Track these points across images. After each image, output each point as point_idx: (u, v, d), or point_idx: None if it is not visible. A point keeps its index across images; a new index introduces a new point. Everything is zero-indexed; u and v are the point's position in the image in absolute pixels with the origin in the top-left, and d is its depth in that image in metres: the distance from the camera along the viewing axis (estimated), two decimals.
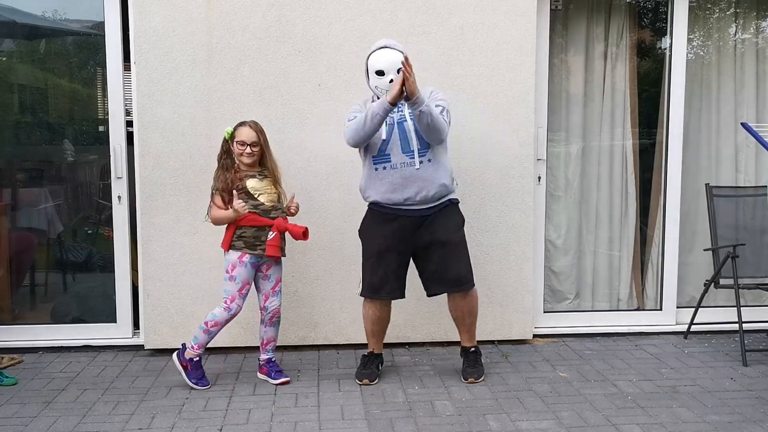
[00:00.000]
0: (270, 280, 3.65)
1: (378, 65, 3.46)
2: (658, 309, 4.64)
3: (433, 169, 3.49)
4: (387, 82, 3.44)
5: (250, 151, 3.54)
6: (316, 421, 3.20)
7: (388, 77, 3.44)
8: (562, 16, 4.51)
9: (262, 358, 3.73)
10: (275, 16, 4.03)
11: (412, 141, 3.47)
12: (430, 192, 3.49)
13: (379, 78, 3.47)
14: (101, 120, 4.32)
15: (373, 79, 3.50)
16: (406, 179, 3.47)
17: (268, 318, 3.66)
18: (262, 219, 3.53)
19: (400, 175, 3.47)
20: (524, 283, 4.32)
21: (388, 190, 3.51)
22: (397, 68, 3.40)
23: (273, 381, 3.66)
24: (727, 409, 3.34)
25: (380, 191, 3.53)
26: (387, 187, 3.51)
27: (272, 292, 3.65)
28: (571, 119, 4.60)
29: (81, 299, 4.43)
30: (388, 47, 3.48)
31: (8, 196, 4.36)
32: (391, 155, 3.48)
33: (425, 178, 3.48)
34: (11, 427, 3.15)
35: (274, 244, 3.55)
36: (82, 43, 4.34)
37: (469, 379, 3.65)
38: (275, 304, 3.66)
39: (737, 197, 4.43)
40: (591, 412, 3.30)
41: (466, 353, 3.77)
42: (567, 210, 4.65)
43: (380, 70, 3.45)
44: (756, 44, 4.71)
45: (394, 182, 3.49)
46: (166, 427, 3.15)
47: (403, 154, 3.47)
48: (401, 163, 3.47)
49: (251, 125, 3.57)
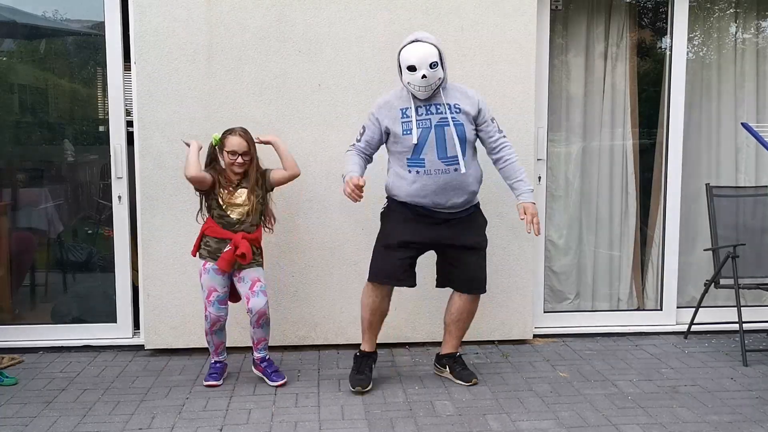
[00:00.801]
0: (245, 281, 3.61)
1: (410, 60, 3.27)
2: (659, 309, 4.64)
3: (465, 177, 3.40)
4: (419, 78, 3.26)
5: (241, 161, 3.51)
6: (317, 421, 3.20)
7: (420, 72, 3.26)
8: (562, 16, 4.51)
9: (256, 356, 3.74)
10: (275, 15, 4.03)
11: (450, 147, 3.35)
12: (459, 200, 3.43)
13: (412, 74, 3.28)
14: (101, 120, 4.32)
15: (406, 75, 3.32)
16: (440, 187, 3.37)
17: (255, 320, 3.60)
18: (222, 231, 3.54)
19: (433, 181, 3.36)
20: (524, 283, 4.32)
21: (418, 195, 3.41)
22: (430, 62, 3.25)
23: (271, 383, 3.65)
24: (727, 409, 3.34)
25: (409, 194, 3.43)
26: (417, 191, 3.40)
27: (251, 292, 3.58)
28: (572, 119, 4.60)
29: (81, 299, 4.43)
30: (419, 41, 3.30)
31: (8, 196, 4.36)
32: (426, 160, 3.35)
33: (457, 187, 3.39)
34: (11, 427, 3.15)
35: (225, 258, 3.52)
36: (82, 43, 4.34)
37: (473, 380, 3.61)
38: (258, 305, 3.56)
39: (737, 197, 4.43)
40: (591, 412, 3.30)
41: (454, 359, 3.70)
42: (567, 210, 4.65)
43: (412, 65, 3.27)
44: (756, 44, 4.71)
45: (426, 188, 3.38)
46: (166, 427, 3.15)
47: (439, 160, 3.35)
48: (436, 169, 3.35)
49: (241, 134, 3.52)
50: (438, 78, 3.33)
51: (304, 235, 4.14)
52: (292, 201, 4.11)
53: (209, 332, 3.63)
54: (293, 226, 4.12)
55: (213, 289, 3.57)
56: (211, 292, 3.56)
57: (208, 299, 3.57)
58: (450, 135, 3.36)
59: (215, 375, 3.66)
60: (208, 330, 3.62)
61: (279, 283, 4.15)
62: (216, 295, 3.57)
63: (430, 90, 3.34)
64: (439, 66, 3.31)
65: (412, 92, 3.37)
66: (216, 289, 3.57)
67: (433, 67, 3.28)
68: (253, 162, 3.58)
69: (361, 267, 4.14)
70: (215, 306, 3.57)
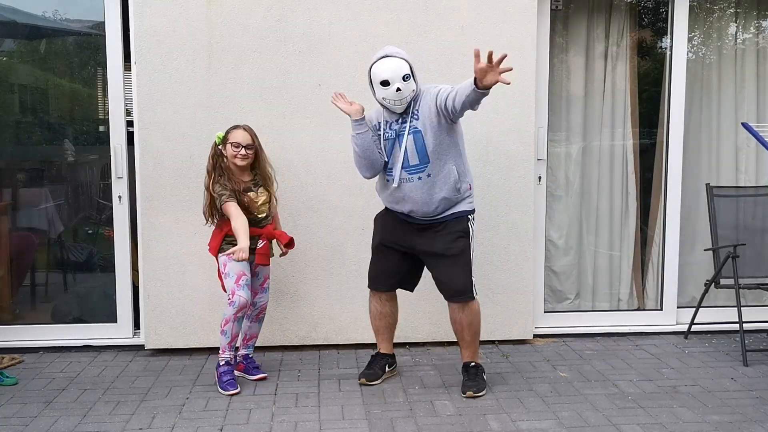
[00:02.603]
0: (259, 276, 3.71)
1: (382, 75, 3.31)
2: (659, 309, 4.64)
3: (431, 185, 3.40)
4: (394, 92, 3.30)
5: (244, 153, 3.53)
6: (317, 421, 3.20)
7: (394, 86, 3.29)
8: (562, 15, 4.51)
9: (241, 353, 3.74)
10: (276, 16, 4.04)
11: (410, 157, 3.39)
12: (430, 208, 3.44)
13: (385, 89, 3.32)
14: (102, 120, 4.32)
15: (379, 91, 3.35)
16: (406, 194, 3.44)
17: (255, 314, 3.72)
18: (252, 229, 3.55)
19: (400, 190, 3.44)
20: (524, 283, 4.32)
21: (393, 202, 3.54)
22: (402, 75, 3.29)
23: (250, 377, 3.69)
24: (727, 409, 3.34)
25: (388, 200, 3.57)
26: (392, 199, 3.52)
27: (261, 288, 3.73)
28: (572, 119, 4.60)
29: (81, 299, 4.43)
30: (389, 56, 3.33)
31: (9, 196, 4.36)
32: (393, 170, 3.43)
33: (420, 197, 3.41)
34: (11, 427, 3.15)
35: (262, 253, 3.61)
36: (82, 43, 4.34)
37: (467, 393, 3.48)
38: (263, 300, 3.74)
39: (737, 197, 4.43)
40: (591, 412, 3.30)
41: (466, 368, 3.63)
42: (567, 210, 4.65)
43: (385, 80, 3.30)
44: (756, 44, 4.71)
45: (396, 196, 3.48)
46: (167, 427, 3.15)
47: (403, 170, 3.41)
48: (402, 179, 3.42)
49: (245, 128, 3.58)
50: (411, 90, 3.35)
51: (305, 235, 4.14)
52: (293, 201, 4.11)
53: (233, 319, 3.52)
54: (293, 226, 4.11)
55: (242, 273, 3.54)
56: (240, 276, 3.53)
57: (237, 283, 3.51)
58: (406, 145, 3.39)
59: (233, 381, 3.57)
60: (232, 317, 3.51)
61: (279, 283, 4.15)
62: (245, 279, 3.54)
63: (404, 103, 3.36)
64: (411, 78, 3.33)
65: (388, 107, 3.40)
66: (245, 273, 3.55)
67: (406, 79, 3.30)
68: (259, 157, 3.62)
69: (361, 267, 4.15)
70: (244, 289, 3.52)
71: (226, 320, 3.53)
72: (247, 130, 3.58)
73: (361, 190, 4.11)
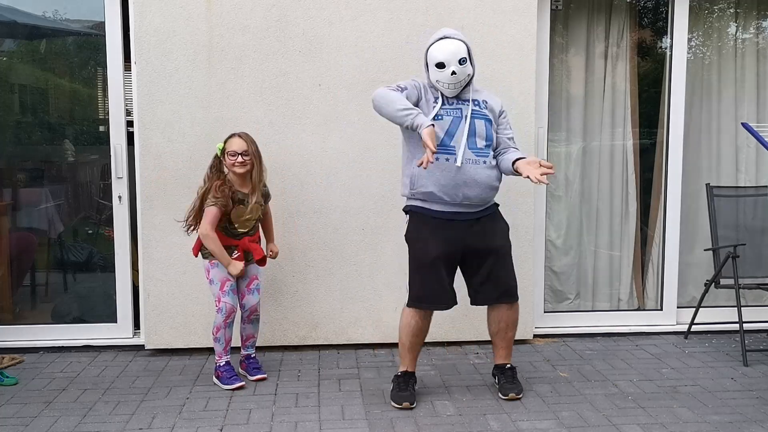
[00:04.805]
0: (244, 278, 3.69)
1: (439, 57, 3.20)
2: (659, 309, 4.64)
3: (491, 171, 3.32)
4: (449, 75, 3.20)
5: (242, 160, 3.52)
6: (317, 421, 3.20)
7: (449, 69, 3.19)
8: (562, 15, 4.51)
9: (242, 354, 3.78)
10: (276, 15, 4.04)
11: (478, 140, 3.28)
12: (489, 195, 3.34)
13: (440, 71, 3.22)
14: (102, 120, 4.32)
15: (434, 73, 3.25)
16: (470, 177, 3.24)
17: (246, 315, 3.72)
18: (226, 239, 3.57)
19: (464, 172, 3.22)
20: (524, 283, 4.30)
21: (448, 186, 3.24)
22: (459, 58, 3.19)
23: (250, 377, 3.70)
24: (727, 409, 3.34)
25: (440, 184, 3.24)
26: (448, 181, 3.24)
27: (247, 290, 3.71)
28: (572, 119, 4.60)
29: (81, 299, 4.43)
30: (448, 37, 3.23)
31: (9, 196, 4.36)
32: (457, 148, 3.22)
33: (485, 181, 3.28)
34: (11, 427, 3.15)
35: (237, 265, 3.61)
36: (82, 43, 4.34)
37: (509, 395, 3.40)
38: (252, 302, 3.71)
39: (738, 197, 4.43)
40: (591, 412, 3.30)
41: (502, 370, 3.51)
42: (567, 210, 4.65)
43: (441, 62, 3.20)
44: (756, 44, 4.71)
45: (457, 180, 3.23)
46: (167, 427, 3.15)
47: (470, 150, 3.25)
48: (467, 159, 3.23)
49: (241, 135, 3.57)
50: (467, 74, 3.28)
51: (305, 235, 4.14)
52: (293, 201, 4.11)
53: (223, 326, 3.57)
54: (293, 226, 4.12)
55: (226, 279, 3.58)
56: (224, 282, 3.58)
57: (222, 290, 3.57)
58: (478, 127, 3.29)
59: (235, 377, 3.62)
60: (222, 324, 3.56)
61: (279, 283, 4.15)
62: (230, 285, 3.59)
63: (458, 87, 3.29)
64: (468, 62, 3.27)
65: (440, 90, 3.30)
66: (229, 279, 3.59)
67: (462, 63, 3.23)
68: (254, 166, 3.58)
69: (361, 267, 4.15)
70: (230, 295, 3.58)
71: (217, 327, 3.59)
72: (243, 137, 3.56)
73: (361, 190, 4.12)
